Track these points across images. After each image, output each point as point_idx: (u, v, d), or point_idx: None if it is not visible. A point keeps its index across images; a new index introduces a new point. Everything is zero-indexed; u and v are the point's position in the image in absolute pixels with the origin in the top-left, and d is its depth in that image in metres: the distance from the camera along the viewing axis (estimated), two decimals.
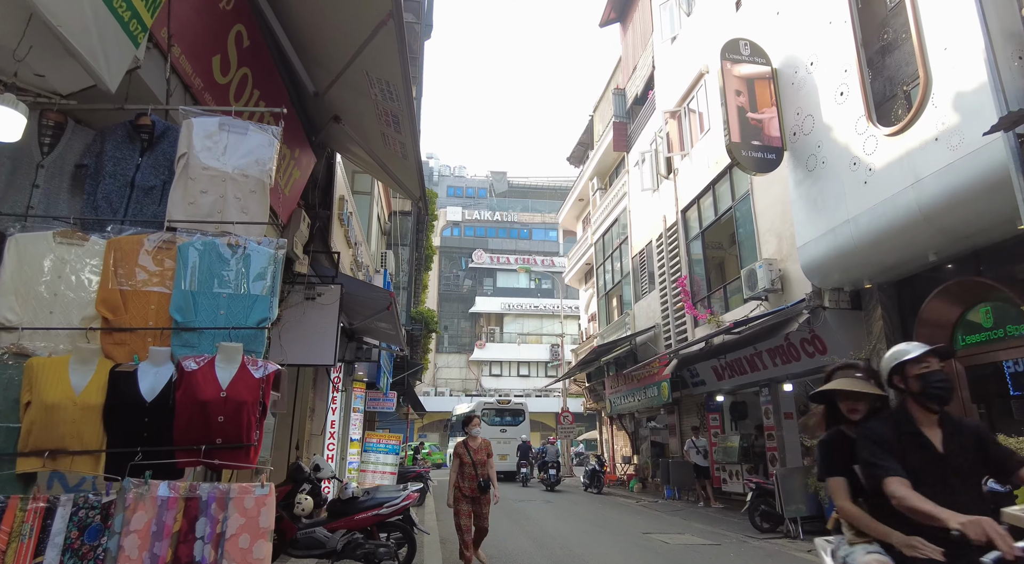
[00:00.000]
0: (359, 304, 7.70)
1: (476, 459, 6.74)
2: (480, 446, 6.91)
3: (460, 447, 6.92)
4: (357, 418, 13.37)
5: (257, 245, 3.10)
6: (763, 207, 11.78)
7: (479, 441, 6.97)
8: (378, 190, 12.48)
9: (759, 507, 9.73)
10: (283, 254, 3.16)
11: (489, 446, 7.02)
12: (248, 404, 2.77)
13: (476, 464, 6.73)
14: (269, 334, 3.08)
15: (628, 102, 20.66)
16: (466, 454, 6.80)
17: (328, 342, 6.54)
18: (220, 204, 3.18)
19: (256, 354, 2.99)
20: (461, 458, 6.80)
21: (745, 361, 12.70)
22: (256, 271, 3.07)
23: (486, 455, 6.87)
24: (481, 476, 6.71)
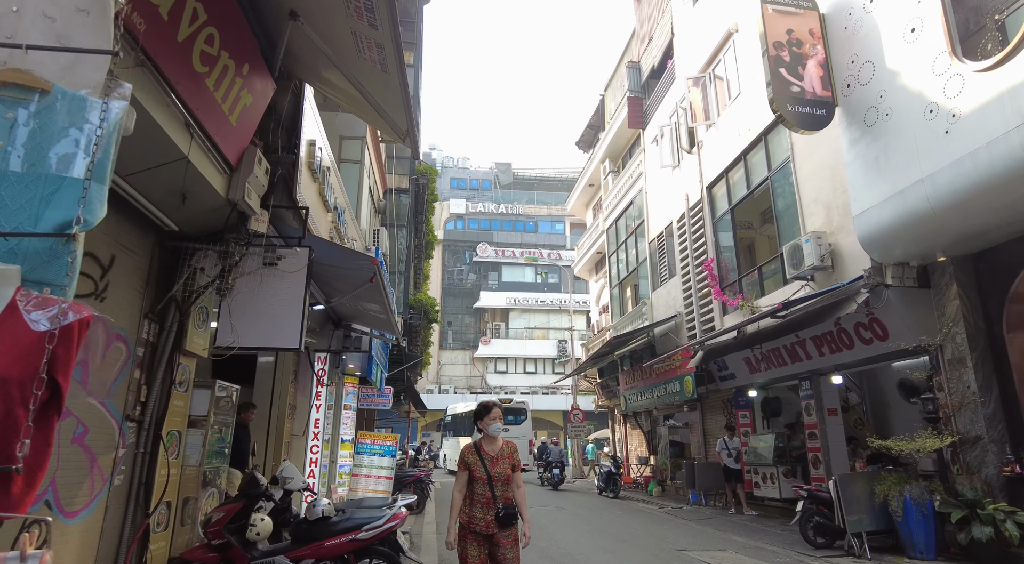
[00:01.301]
0: (336, 277, 6.33)
1: (494, 473, 4.08)
2: (501, 452, 4.22)
3: (470, 453, 4.20)
4: (349, 416, 12.00)
5: (73, 93, 1.70)
6: (807, 175, 10.33)
7: (499, 444, 4.26)
8: (369, 158, 11.09)
9: (812, 518, 8.32)
10: (124, 113, 1.76)
11: (515, 452, 4.30)
12: (13, 383, 1.38)
13: (494, 480, 4.06)
14: (73, 246, 1.67)
15: (643, 76, 19.22)
16: (479, 464, 4.12)
17: (293, 320, 5.16)
18: (10, 21, 1.78)
19: (56, 289, 1.60)
20: (471, 470, 4.13)
21: (784, 351, 11.27)
22: (64, 135, 1.66)
23: (510, 467, 4.18)
24: (502, 500, 4.04)
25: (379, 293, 6.41)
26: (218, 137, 4.41)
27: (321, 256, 5.76)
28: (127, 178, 4.04)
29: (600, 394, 23.36)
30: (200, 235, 5.00)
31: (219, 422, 5.71)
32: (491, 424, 4.22)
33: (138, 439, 4.61)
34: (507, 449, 4.26)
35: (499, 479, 4.09)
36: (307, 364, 9.40)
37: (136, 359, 4.60)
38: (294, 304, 5.17)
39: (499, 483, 4.08)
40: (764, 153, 11.80)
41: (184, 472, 5.20)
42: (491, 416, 4.22)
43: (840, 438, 11.04)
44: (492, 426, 4.22)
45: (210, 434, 5.48)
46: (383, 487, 11.74)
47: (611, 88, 22.83)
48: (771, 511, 12.33)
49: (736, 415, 13.91)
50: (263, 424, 8.72)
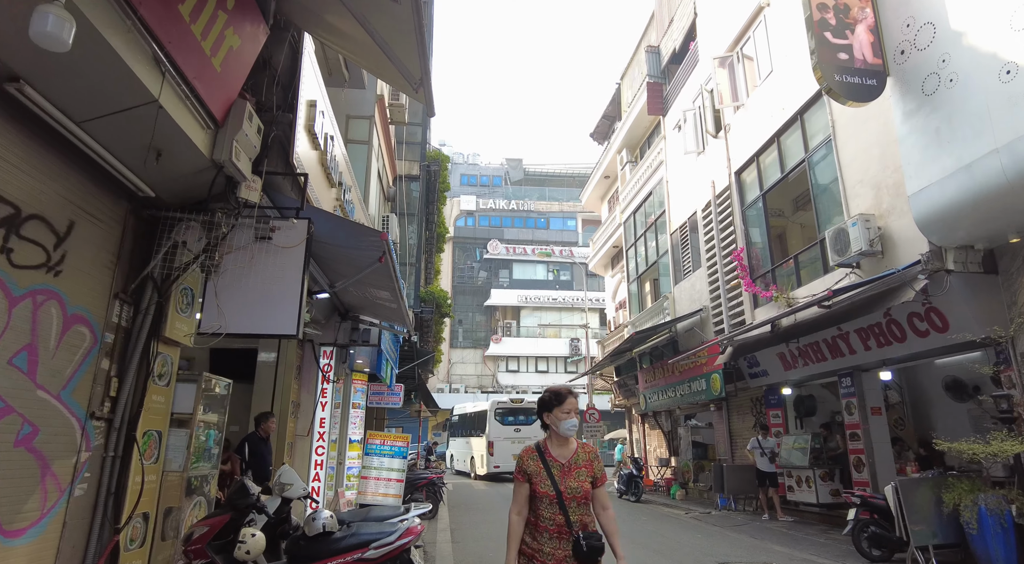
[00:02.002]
0: (340, 258, 5.63)
1: (567, 488, 2.90)
2: (576, 459, 2.99)
3: (531, 459, 3.01)
4: (358, 415, 11.34)
5: None
6: (852, 154, 9.53)
7: (573, 448, 3.04)
8: (378, 140, 10.40)
9: (867, 528, 7.52)
10: None
11: (596, 459, 3.05)
12: None
13: (566, 499, 2.89)
14: None
15: (663, 61, 18.42)
16: (543, 475, 2.94)
17: (289, 303, 4.46)
18: None
19: None
20: (533, 483, 2.95)
21: (825, 345, 10.47)
22: None
23: (589, 479, 2.96)
24: (579, 527, 2.88)
25: (388, 276, 5.70)
26: (198, 82, 3.71)
27: (322, 232, 5.06)
28: (85, 125, 3.34)
29: (617, 393, 22.58)
30: (182, 203, 4.31)
31: (208, 421, 5.02)
32: (564, 420, 2.94)
33: (107, 441, 3.92)
34: (584, 454, 2.99)
35: (574, 496, 2.87)
36: (312, 359, 8.73)
37: (104, 346, 3.91)
38: (291, 284, 4.46)
39: (575, 502, 2.87)
40: (800, 133, 10.99)
41: (165, 478, 4.52)
42: (564, 408, 2.96)
43: (885, 439, 10.23)
44: (565, 423, 2.93)
45: (197, 434, 4.78)
46: (394, 490, 11.05)
47: (628, 76, 22.03)
48: (808, 517, 11.53)
49: (767, 414, 13.10)
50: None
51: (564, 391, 3.03)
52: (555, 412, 2.98)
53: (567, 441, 3.02)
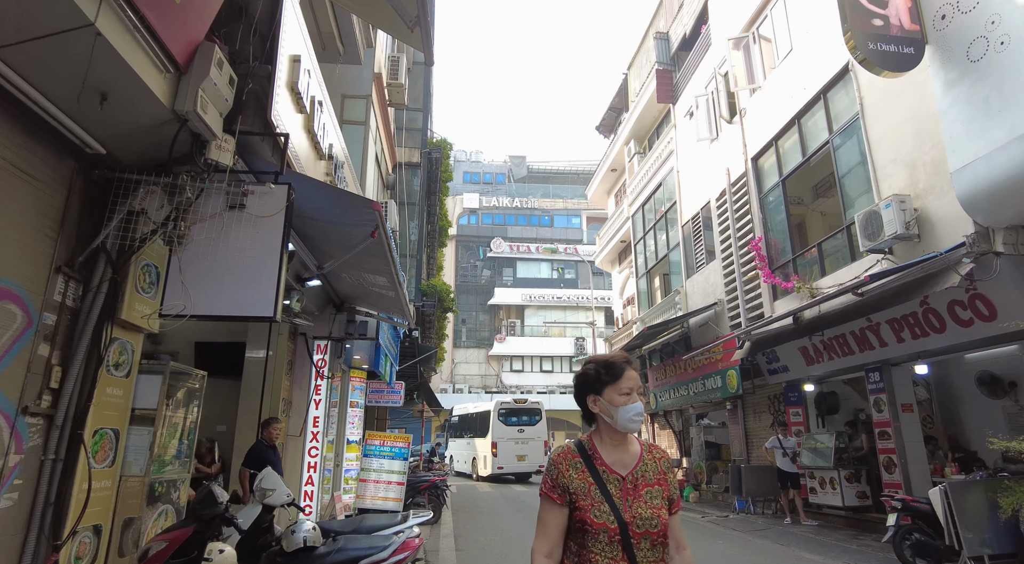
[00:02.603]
0: (329, 235, 5.02)
1: (634, 516, 1.87)
2: (645, 467, 1.97)
3: (571, 468, 1.94)
4: (356, 415, 10.72)
5: None
6: (883, 132, 8.88)
7: (635, 450, 2.01)
8: (376, 121, 9.79)
9: (910, 535, 6.88)
10: None
11: (668, 468, 2.04)
12: None
13: (634, 534, 1.85)
14: None
15: (673, 47, 17.79)
16: (593, 493, 1.89)
17: (266, 280, 3.84)
18: None
19: None
20: (580, 507, 1.87)
21: (852, 338, 9.82)
22: None
23: (664, 501, 1.94)
24: None
25: (384, 257, 5.08)
26: (151, 13, 3.09)
27: (306, 203, 4.44)
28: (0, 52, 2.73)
29: None
30: (140, 164, 3.70)
31: (177, 418, 4.41)
32: (623, 405, 1.92)
33: (46, 441, 3.31)
34: (653, 462, 2.00)
35: (646, 531, 1.86)
36: (304, 353, 8.12)
37: (43, 329, 3.30)
38: (268, 259, 3.85)
39: (647, 541, 1.86)
40: (824, 113, 10.36)
41: (124, 484, 3.91)
42: (622, 386, 1.94)
43: (917, 438, 9.57)
44: (626, 410, 1.92)
45: (163, 433, 4.17)
46: (394, 494, 10.45)
47: (635, 66, 21.40)
48: (833, 521, 10.87)
49: (787, 412, 12.45)
50: (252, 423, 7.45)
51: (620, 360, 2.00)
52: (608, 393, 1.94)
53: (627, 440, 2.00)
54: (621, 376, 1.97)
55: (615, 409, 1.93)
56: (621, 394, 1.94)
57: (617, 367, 1.99)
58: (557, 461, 1.97)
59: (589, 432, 2.08)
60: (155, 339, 8.01)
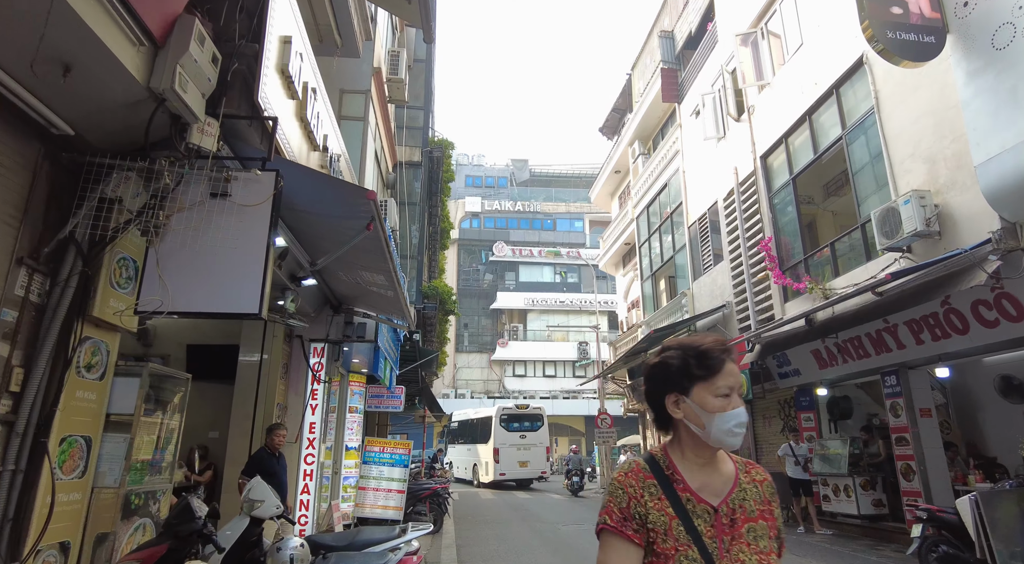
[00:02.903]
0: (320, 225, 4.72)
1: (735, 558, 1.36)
2: (744, 493, 1.45)
3: (644, 490, 1.43)
4: (355, 420, 10.40)
5: None
6: (899, 126, 8.58)
7: (730, 470, 1.50)
8: (375, 118, 9.51)
9: (936, 547, 6.53)
10: None
11: (773, 496, 1.51)
12: None
13: None
14: None
15: (678, 46, 17.53)
16: (676, 530, 1.37)
17: (251, 275, 3.54)
18: None
19: None
20: (657, 546, 1.36)
21: (868, 340, 9.49)
22: None
23: (772, 542, 1.42)
24: None
25: (381, 253, 4.77)
26: None
27: (297, 193, 4.15)
28: None
29: (631, 397, 21.57)
30: (114, 147, 3.41)
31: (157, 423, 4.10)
32: (721, 412, 1.41)
33: (6, 450, 3.00)
34: (753, 487, 1.49)
35: None
36: (301, 356, 7.82)
37: (2, 326, 3.00)
38: (253, 251, 3.55)
39: None
40: (836, 109, 10.05)
41: (97, 497, 3.59)
42: (718, 383, 1.43)
43: (936, 444, 9.23)
44: (724, 419, 1.41)
45: (140, 441, 3.86)
46: (394, 502, 10.12)
47: (639, 66, 21.14)
48: (848, 530, 10.52)
49: (798, 418, 12.11)
50: (245, 428, 7.15)
51: (716, 349, 1.47)
52: (698, 393, 1.43)
53: (716, 457, 1.49)
54: (719, 370, 1.43)
55: (708, 416, 1.40)
56: (717, 395, 1.41)
57: (713, 357, 1.44)
58: (625, 482, 1.44)
59: (663, 444, 1.54)
60: (146, 341, 7.73)
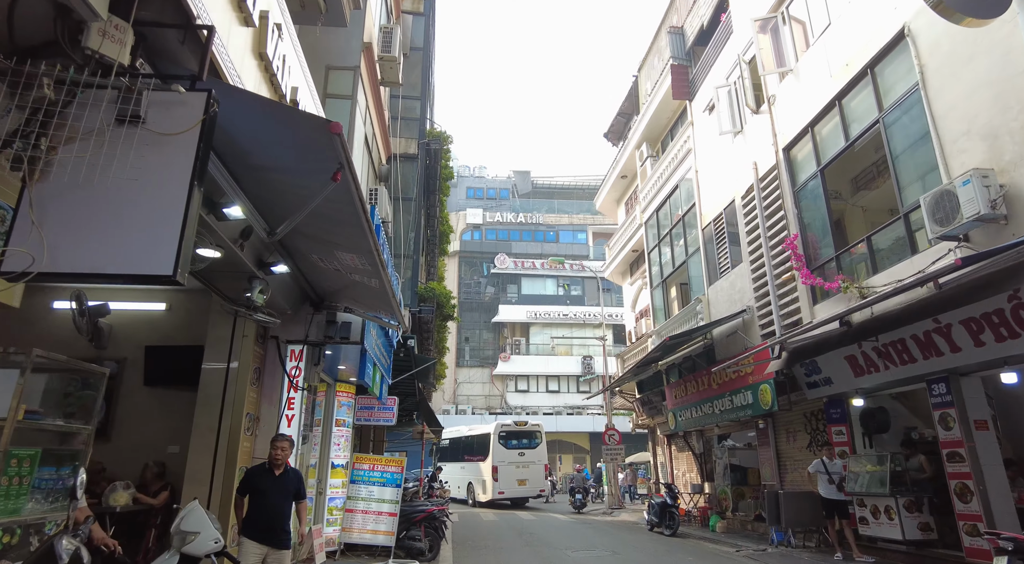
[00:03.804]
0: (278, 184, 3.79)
1: None
2: None
3: None
4: (342, 434, 9.41)
5: None
6: (951, 101, 7.67)
7: None
8: (365, 98, 8.64)
9: None
10: None
11: None
12: None
13: None
14: None
15: (688, 42, 16.76)
16: None
17: (165, 223, 2.59)
18: None
19: None
20: None
21: (914, 343, 8.50)
22: None
23: None
24: None
25: (358, 221, 3.84)
26: None
27: (240, 132, 3.22)
28: None
29: (640, 411, 20.50)
30: None
31: (49, 432, 3.13)
32: None
33: None
34: None
35: None
36: (276, 360, 6.86)
37: None
38: (171, 195, 2.61)
39: None
40: (872, 90, 9.17)
41: None
42: None
43: (996, 460, 8.19)
44: None
45: (15, 454, 2.89)
46: (385, 526, 9.10)
47: (646, 67, 20.38)
48: (892, 556, 9.44)
49: (828, 431, 11.07)
50: (209, 442, 6.17)
51: None
52: None
53: None
54: None
55: None
56: None
57: None
58: None
59: None
60: (99, 343, 6.74)
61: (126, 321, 6.84)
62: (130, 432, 6.58)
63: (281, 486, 5.54)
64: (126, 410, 6.64)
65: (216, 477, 6.07)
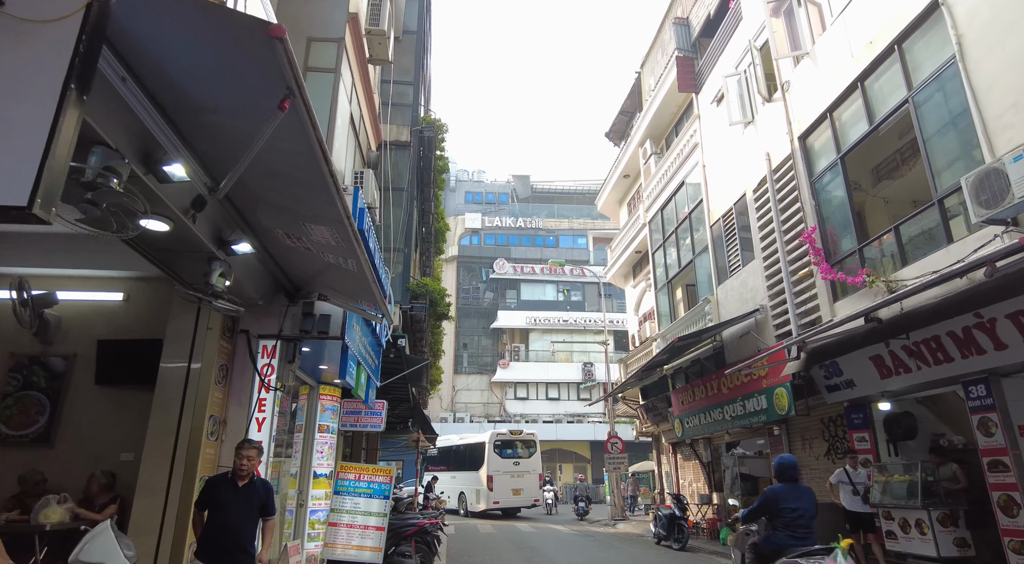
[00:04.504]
0: (218, 128, 3.08)
1: None
2: None
3: None
4: (325, 441, 8.64)
5: None
6: (994, 73, 6.99)
7: None
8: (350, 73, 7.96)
9: None
10: None
11: None
12: None
13: None
14: None
15: (694, 33, 16.13)
16: None
17: (24, 138, 1.84)
18: None
19: None
20: None
21: (951, 340, 7.76)
22: None
23: None
24: None
25: (316, 172, 3.11)
26: None
27: (168, 48, 2.51)
28: None
29: (644, 418, 19.72)
30: None
31: None
32: None
33: None
34: None
35: None
36: (246, 357, 6.12)
37: None
38: (33, 103, 1.89)
39: None
40: (900, 67, 8.49)
41: None
42: None
43: None
44: None
45: None
46: (371, 542, 8.33)
47: (649, 62, 19.77)
48: None
49: (850, 438, 10.31)
50: (166, 447, 5.42)
51: None
52: None
53: None
54: None
55: None
56: None
57: None
58: None
59: None
60: (44, 338, 6.04)
61: (77, 313, 6.12)
62: (78, 438, 5.83)
63: (245, 500, 4.81)
64: (74, 412, 5.89)
65: (173, 488, 5.32)
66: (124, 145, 3.24)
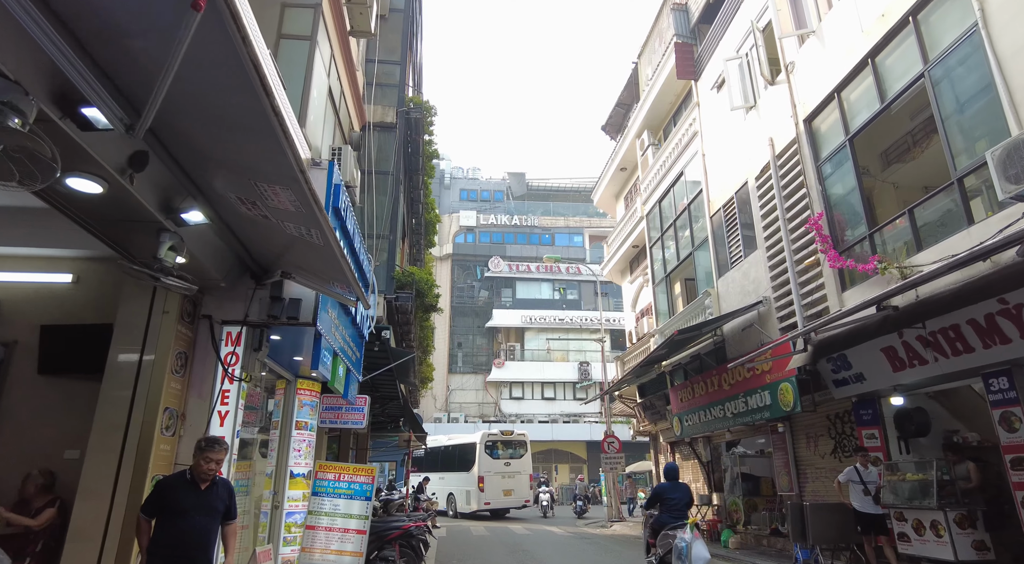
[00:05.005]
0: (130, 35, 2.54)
1: None
2: None
3: None
4: (303, 439, 8.07)
5: None
6: (1019, 42, 6.49)
7: None
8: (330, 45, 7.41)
9: None
10: None
11: None
12: None
13: None
14: None
15: (693, 18, 15.66)
16: None
17: None
18: None
19: None
20: None
21: (972, 329, 7.26)
22: None
23: None
24: None
25: (255, 106, 2.60)
26: None
27: None
28: None
29: (642, 417, 19.19)
30: None
31: None
32: None
33: None
34: None
35: None
36: (207, 344, 5.57)
37: None
38: None
39: None
40: (915, 41, 7.99)
41: None
42: None
43: None
44: None
45: None
46: (352, 546, 7.79)
47: (646, 52, 19.28)
48: None
49: (859, 435, 9.81)
50: (113, 443, 4.86)
51: None
52: None
53: None
54: None
55: None
56: None
57: None
58: None
59: None
60: None
61: (20, 295, 5.56)
62: (17, 433, 5.26)
63: (206, 503, 4.28)
64: (13, 405, 5.33)
65: (120, 489, 4.76)
66: (30, 82, 2.72)
